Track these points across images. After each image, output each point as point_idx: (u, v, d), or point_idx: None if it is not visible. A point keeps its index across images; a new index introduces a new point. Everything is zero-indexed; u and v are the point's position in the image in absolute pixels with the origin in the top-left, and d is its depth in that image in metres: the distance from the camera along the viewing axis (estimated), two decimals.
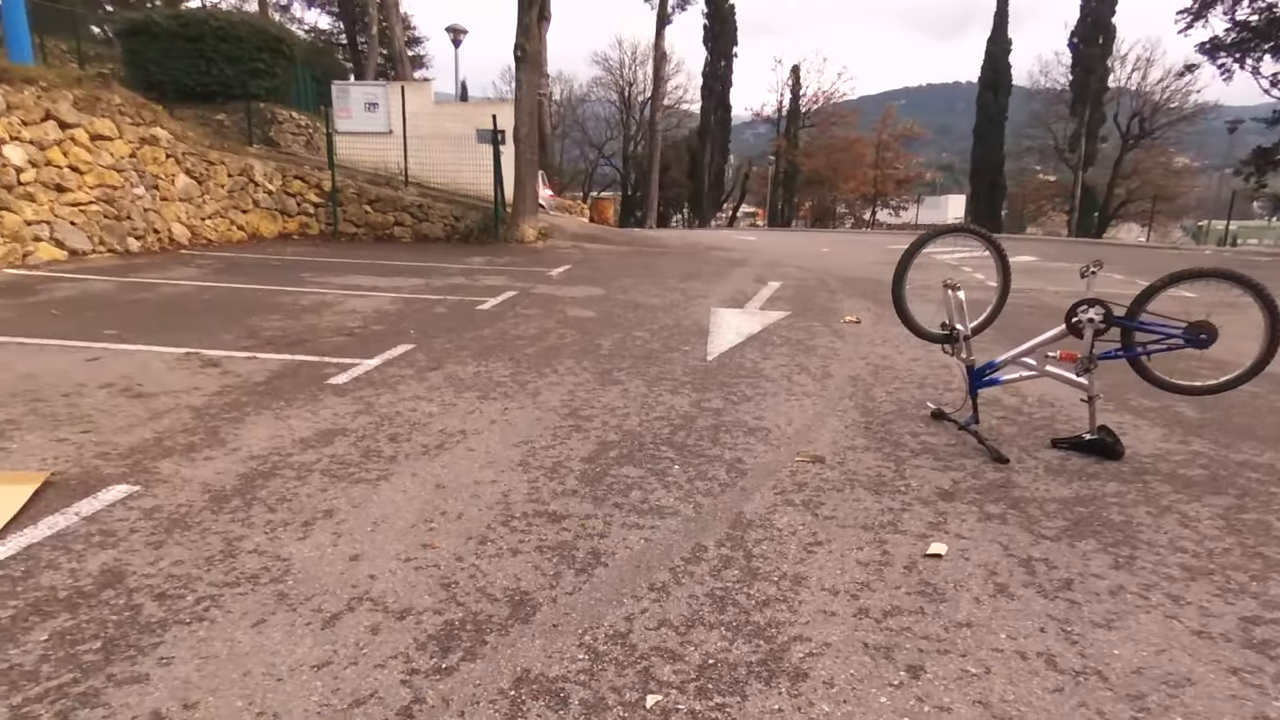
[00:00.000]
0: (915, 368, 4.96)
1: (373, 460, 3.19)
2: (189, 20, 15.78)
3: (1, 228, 8.12)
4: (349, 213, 13.15)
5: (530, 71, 12.70)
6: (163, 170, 10.57)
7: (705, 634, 2.01)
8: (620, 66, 48.27)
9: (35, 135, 8.65)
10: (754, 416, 3.89)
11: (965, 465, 3.24)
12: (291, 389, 4.20)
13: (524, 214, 13.17)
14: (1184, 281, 3.17)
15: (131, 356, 4.77)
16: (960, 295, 3.58)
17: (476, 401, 4.05)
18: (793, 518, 2.71)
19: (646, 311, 6.92)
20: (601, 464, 3.20)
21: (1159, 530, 2.65)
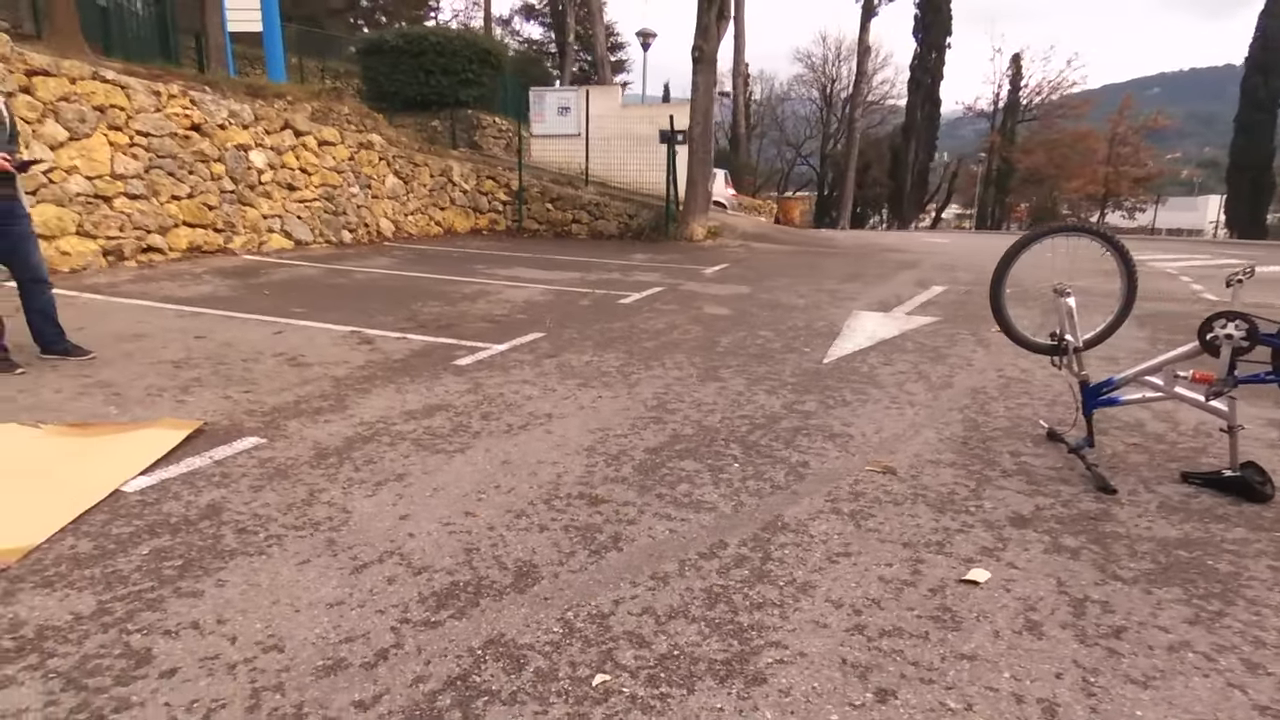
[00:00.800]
0: (1054, 383, 4.45)
1: (459, 434, 3.47)
2: (413, 37, 17.64)
3: (244, 220, 9.65)
4: (533, 210, 14.07)
5: (707, 72, 12.81)
6: (375, 171, 11.95)
7: (683, 627, 2.01)
8: (823, 63, 47.06)
9: (275, 142, 10.16)
10: (843, 423, 3.72)
11: (1061, 492, 2.90)
12: (421, 367, 4.64)
13: (694, 212, 13.33)
14: None
15: (307, 332, 5.50)
16: (1070, 302, 3.20)
17: (575, 388, 4.24)
18: (832, 526, 2.60)
19: (783, 311, 6.79)
20: (664, 455, 3.24)
21: (1275, 589, 2.23)
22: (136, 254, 8.27)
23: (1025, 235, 3.31)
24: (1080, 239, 3.23)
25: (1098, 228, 3.27)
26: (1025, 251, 3.30)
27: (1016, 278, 3.45)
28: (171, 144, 8.73)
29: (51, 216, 7.46)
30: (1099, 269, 3.61)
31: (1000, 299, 3.39)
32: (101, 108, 8.05)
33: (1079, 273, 3.44)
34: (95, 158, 7.93)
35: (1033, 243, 3.27)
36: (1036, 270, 3.55)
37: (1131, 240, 21.03)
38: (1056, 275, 3.33)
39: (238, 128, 9.65)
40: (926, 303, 7.38)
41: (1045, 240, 3.28)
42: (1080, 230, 3.27)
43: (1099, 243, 3.20)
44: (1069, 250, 3.18)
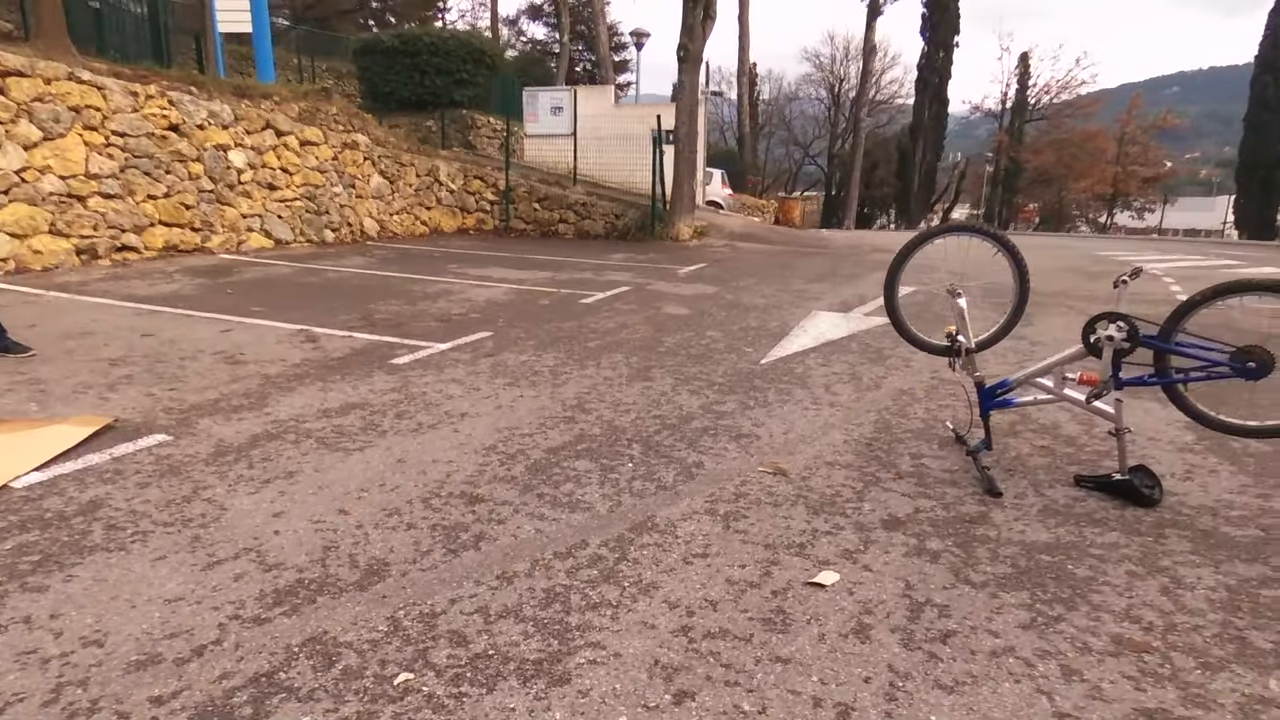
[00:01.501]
0: None
1: (367, 433, 3.48)
2: (408, 38, 17.74)
3: (223, 219, 9.73)
4: (520, 210, 14.10)
5: (692, 72, 12.79)
6: (360, 171, 12.02)
7: (509, 626, 2.01)
8: (831, 62, 46.87)
9: (255, 142, 10.24)
10: (754, 423, 3.70)
11: (946, 495, 2.87)
12: (356, 365, 4.66)
13: (680, 212, 13.31)
14: (1232, 295, 2.56)
15: (256, 330, 5.54)
16: (962, 303, 3.17)
17: (501, 388, 4.25)
18: (701, 527, 2.59)
19: (741, 311, 6.76)
20: (562, 455, 3.24)
21: (1125, 594, 2.19)
22: (111, 253, 8.36)
23: (916, 236, 3.28)
24: (975, 239, 3.20)
25: (988, 228, 3.24)
26: (917, 253, 3.28)
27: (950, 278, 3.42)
28: (148, 144, 8.81)
29: (24, 215, 7.55)
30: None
31: (894, 300, 3.37)
32: (77, 108, 8.14)
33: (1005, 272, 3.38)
34: (70, 158, 8.02)
35: (924, 244, 3.25)
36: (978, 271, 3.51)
37: (1135, 241, 20.71)
38: (969, 276, 3.31)
39: (217, 128, 9.73)
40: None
41: (936, 241, 3.25)
42: (971, 230, 3.24)
43: (991, 244, 3.16)
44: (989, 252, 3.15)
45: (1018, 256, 3.12)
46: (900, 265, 3.28)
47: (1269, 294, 2.51)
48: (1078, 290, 8.67)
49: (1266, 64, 30.77)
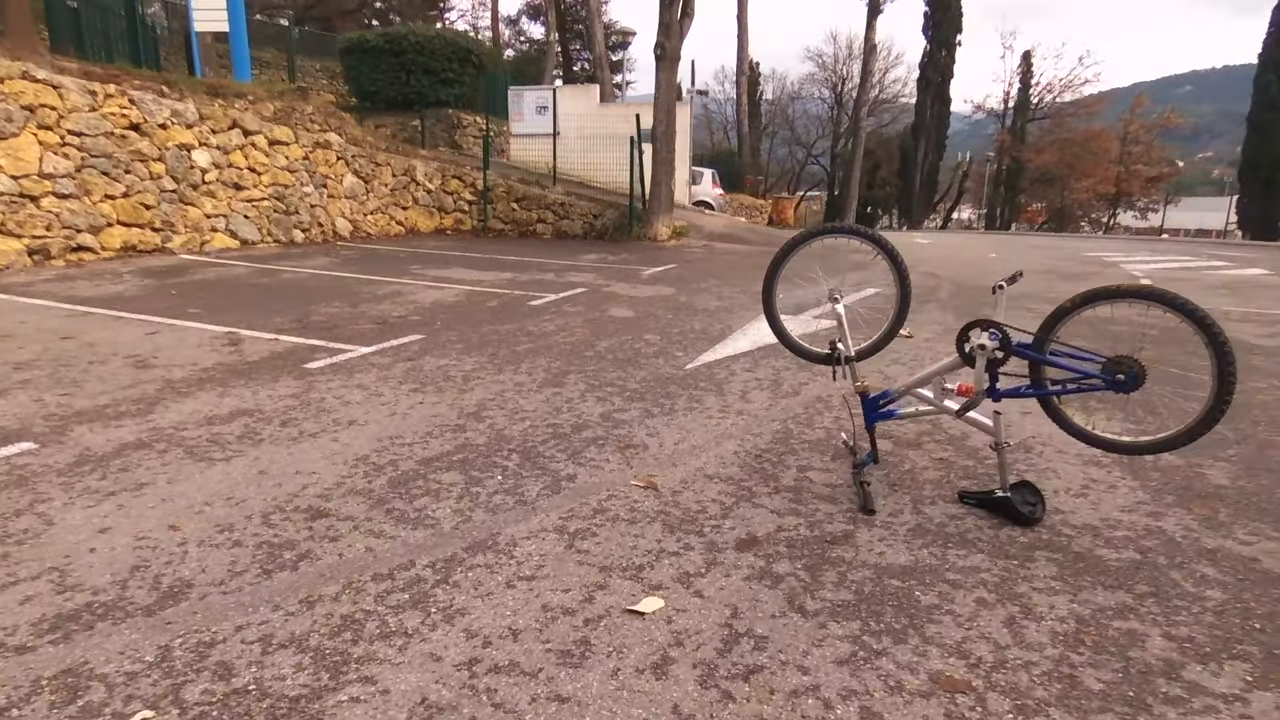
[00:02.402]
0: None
1: (242, 441, 3.36)
2: (393, 37, 17.66)
3: (185, 220, 9.65)
4: (498, 210, 13.98)
5: (669, 70, 12.63)
6: (332, 171, 11.93)
7: (286, 658, 1.87)
8: (834, 62, 46.60)
9: (221, 141, 10.16)
10: (649, 432, 3.56)
11: (817, 512, 2.72)
12: (267, 370, 4.54)
13: (658, 212, 13.16)
14: (1101, 302, 2.40)
15: (183, 333, 5.43)
16: (840, 309, 3.01)
17: (404, 394, 4.11)
18: (542, 546, 2.44)
19: (689, 314, 6.61)
20: (434, 466, 3.11)
21: (965, 626, 2.04)
22: (65, 253, 8.28)
23: (793, 238, 3.12)
24: (853, 241, 3.04)
25: (864, 229, 3.07)
26: (792, 256, 3.13)
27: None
28: (107, 143, 8.74)
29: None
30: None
31: (773, 305, 3.22)
32: (31, 107, 8.07)
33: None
34: (22, 157, 7.94)
35: (799, 246, 3.09)
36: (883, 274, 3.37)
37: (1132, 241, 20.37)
38: (873, 281, 3.15)
39: (180, 127, 9.66)
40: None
41: (814, 243, 3.10)
42: (847, 231, 3.08)
43: (870, 245, 3.01)
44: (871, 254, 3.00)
45: (897, 259, 2.96)
46: (777, 269, 3.13)
47: (1138, 300, 2.35)
48: (1047, 293, 8.46)
49: (1270, 63, 30.31)
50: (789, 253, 3.08)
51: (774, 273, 3.14)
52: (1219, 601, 2.15)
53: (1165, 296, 2.27)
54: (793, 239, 3.09)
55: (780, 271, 3.14)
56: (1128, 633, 2.00)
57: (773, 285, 3.15)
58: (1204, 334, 2.22)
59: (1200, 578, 2.28)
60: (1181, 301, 2.25)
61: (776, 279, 3.15)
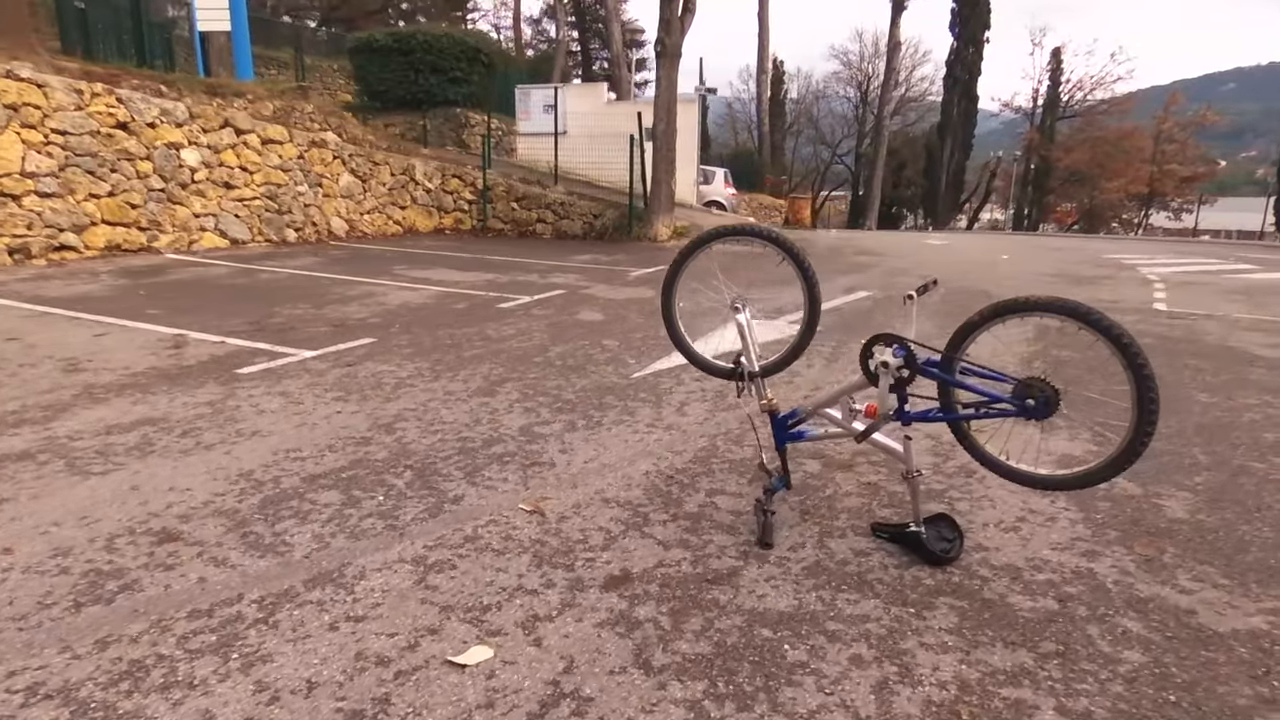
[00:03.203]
0: None
1: (130, 454, 3.18)
2: (402, 36, 17.60)
3: (173, 219, 9.61)
4: (498, 210, 13.83)
5: (670, 67, 12.36)
6: (328, 170, 11.86)
7: (43, 713, 1.66)
8: (859, 60, 45.95)
9: (212, 140, 10.11)
10: (563, 449, 3.32)
11: (710, 545, 2.46)
12: (198, 375, 4.38)
13: (658, 212, 12.90)
14: (1011, 315, 2.12)
15: (131, 334, 5.31)
16: (743, 318, 2.75)
17: (325, 402, 3.92)
18: (390, 580, 2.22)
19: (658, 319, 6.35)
20: (318, 484, 2.90)
21: (827, 689, 1.77)
22: (47, 252, 8.26)
23: (691, 242, 2.86)
24: (755, 244, 2.77)
25: (766, 229, 2.79)
26: (691, 260, 2.86)
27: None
28: (92, 142, 8.71)
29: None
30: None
31: (671, 312, 2.95)
32: (14, 106, 8.05)
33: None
34: (4, 155, 7.93)
35: (699, 249, 2.83)
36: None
37: (1159, 243, 19.66)
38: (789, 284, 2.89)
39: (169, 126, 9.62)
40: (828, 310, 6.84)
41: (714, 245, 2.83)
42: (746, 233, 2.80)
43: (773, 248, 2.73)
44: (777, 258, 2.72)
45: (803, 264, 2.67)
46: (676, 273, 2.87)
47: (1050, 314, 2.06)
48: None
49: None
50: (686, 259, 2.82)
51: (672, 280, 2.88)
52: (1134, 666, 1.86)
53: (1078, 311, 1.98)
54: (688, 244, 2.83)
55: (679, 278, 2.88)
56: (1014, 704, 1.72)
57: (671, 294, 2.90)
58: (1121, 355, 1.93)
59: (1120, 634, 1.99)
60: (1096, 317, 1.95)
61: (675, 287, 2.90)
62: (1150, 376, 1.90)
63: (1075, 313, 1.98)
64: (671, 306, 2.86)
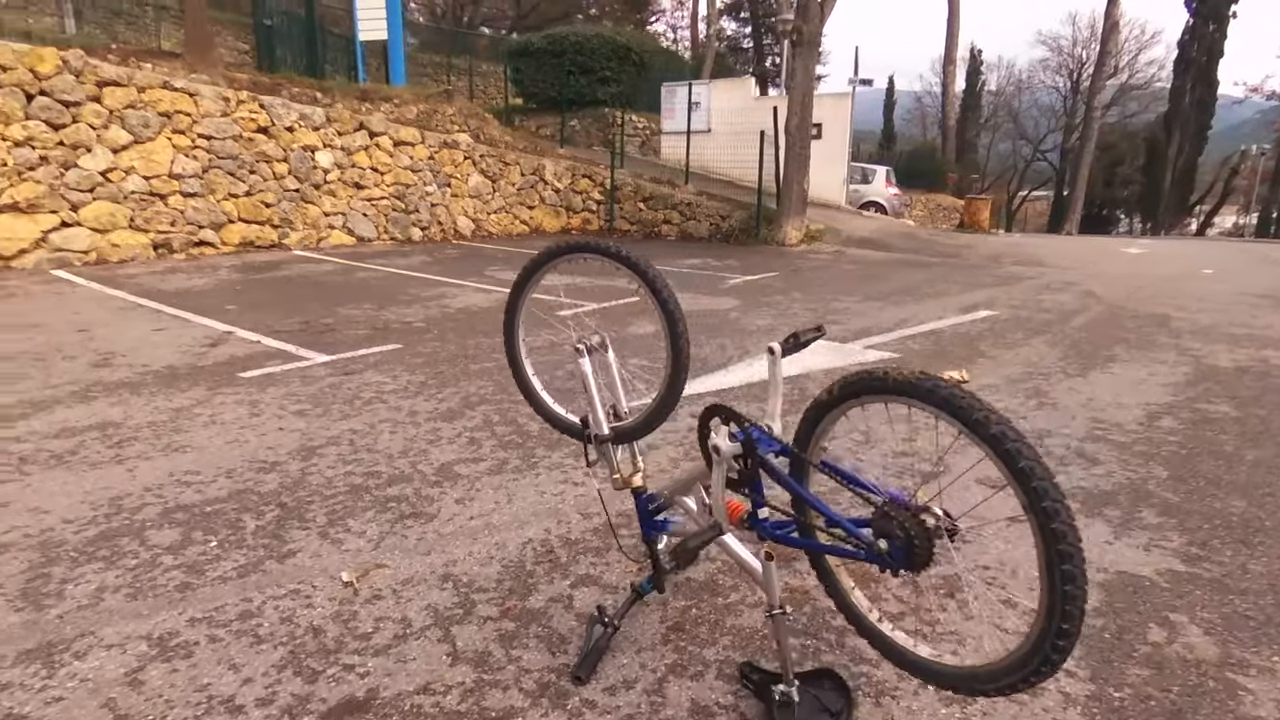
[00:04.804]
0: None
1: (46, 462, 3.09)
2: (555, 38, 17.88)
3: (304, 217, 10.20)
4: (625, 210, 13.54)
5: (807, 56, 11.38)
6: (458, 170, 12.14)
7: None
8: (1071, 45, 41.23)
9: (346, 142, 10.63)
10: (462, 497, 2.81)
11: (510, 665, 1.84)
12: (201, 377, 4.36)
13: (788, 214, 11.97)
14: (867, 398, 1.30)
15: (182, 331, 5.48)
16: (586, 365, 2.05)
17: (282, 416, 3.69)
18: (101, 666, 1.83)
19: (718, 334, 5.63)
20: (171, 519, 2.61)
21: None
22: (187, 247, 9.01)
23: (534, 258, 2.19)
24: (602, 262, 2.06)
25: (615, 248, 2.04)
26: (532, 283, 2.20)
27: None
28: (234, 146, 9.40)
29: (104, 212, 8.32)
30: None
31: (515, 348, 2.30)
32: (168, 113, 8.84)
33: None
34: (155, 159, 8.73)
35: (543, 266, 2.16)
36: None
37: None
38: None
39: (307, 130, 10.20)
40: (925, 333, 5.75)
41: (558, 261, 2.15)
42: (592, 250, 2.07)
43: (624, 268, 2.01)
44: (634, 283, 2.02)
45: (661, 293, 1.93)
46: (518, 301, 2.23)
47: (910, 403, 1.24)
48: (1228, 327, 6.34)
49: None
50: (527, 281, 2.19)
51: (512, 311, 2.25)
52: None
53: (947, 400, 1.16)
54: (531, 261, 2.18)
55: (519, 309, 2.24)
56: None
57: (513, 323, 2.27)
58: (1019, 487, 1.09)
59: None
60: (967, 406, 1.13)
61: (517, 318, 2.26)
62: (1062, 529, 1.06)
63: (942, 401, 1.16)
64: (514, 338, 2.25)
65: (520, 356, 2.20)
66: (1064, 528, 1.06)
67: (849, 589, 1.54)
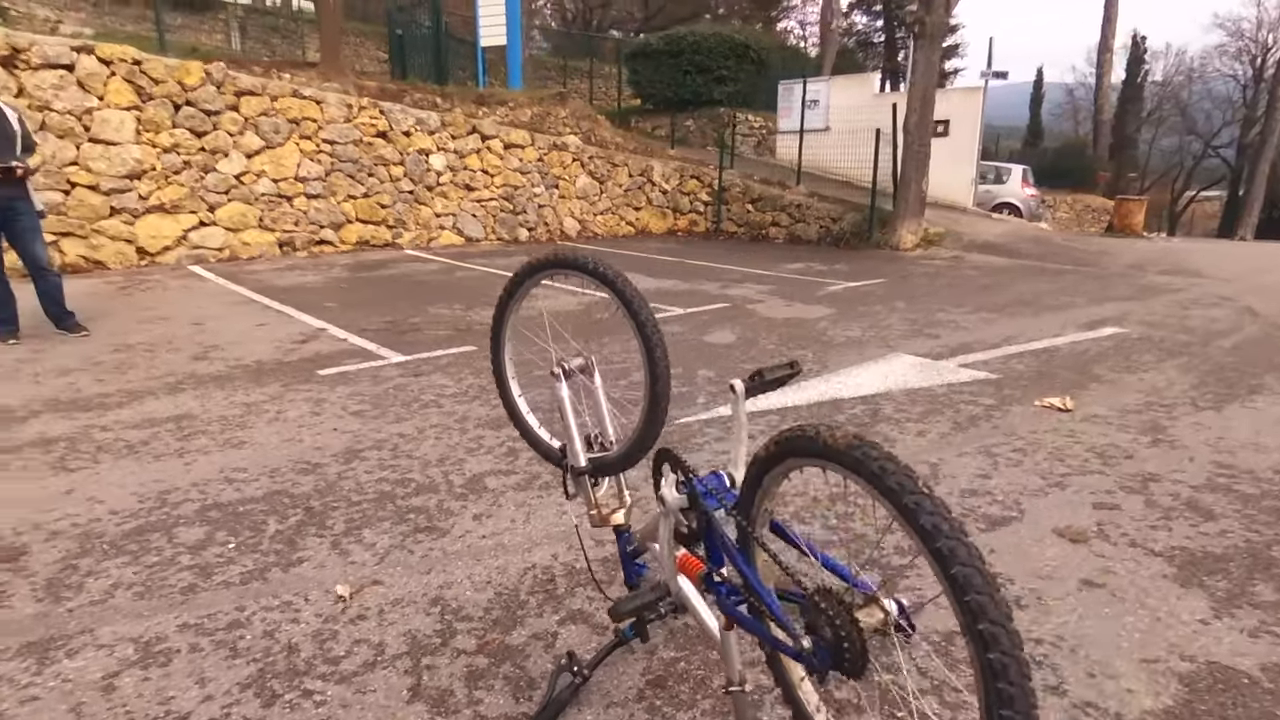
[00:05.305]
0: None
1: (119, 452, 3.28)
2: (672, 39, 17.81)
3: (416, 218, 10.62)
4: (732, 211, 13.25)
5: (929, 49, 10.66)
6: (566, 172, 12.28)
7: None
8: (1255, 28, 36.95)
9: (458, 146, 10.99)
10: (480, 514, 2.72)
11: (467, 710, 1.72)
12: (283, 373, 4.56)
13: (904, 217, 11.29)
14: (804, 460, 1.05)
15: (285, 326, 5.78)
16: (564, 393, 1.86)
17: (342, 417, 3.78)
18: (85, 668, 1.86)
19: (801, 346, 5.31)
20: (204, 517, 2.68)
21: None
22: (309, 246, 9.59)
23: (513, 275, 2.00)
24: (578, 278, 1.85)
25: (587, 261, 1.81)
26: (515, 300, 2.03)
27: None
28: (354, 150, 9.92)
29: (237, 213, 8.98)
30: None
31: (501, 368, 2.14)
32: (296, 120, 9.44)
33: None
34: (284, 163, 9.34)
35: (523, 284, 1.98)
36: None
37: None
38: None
39: (422, 134, 10.61)
40: (1035, 351, 5.18)
41: (539, 277, 1.97)
42: (564, 265, 1.86)
43: (606, 291, 1.79)
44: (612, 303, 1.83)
45: (639, 314, 1.72)
46: (503, 316, 2.07)
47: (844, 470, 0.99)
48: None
49: None
50: (507, 302, 2.04)
51: (498, 328, 2.11)
52: None
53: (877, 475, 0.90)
54: (513, 276, 2.01)
55: (505, 325, 2.09)
56: None
57: (500, 342, 2.12)
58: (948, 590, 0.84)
59: None
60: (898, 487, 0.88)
61: (503, 335, 2.11)
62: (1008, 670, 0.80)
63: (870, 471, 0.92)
64: (500, 359, 2.11)
65: (506, 375, 2.07)
66: (1006, 660, 0.81)
67: (796, 680, 1.30)
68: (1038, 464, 3.15)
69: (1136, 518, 2.65)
